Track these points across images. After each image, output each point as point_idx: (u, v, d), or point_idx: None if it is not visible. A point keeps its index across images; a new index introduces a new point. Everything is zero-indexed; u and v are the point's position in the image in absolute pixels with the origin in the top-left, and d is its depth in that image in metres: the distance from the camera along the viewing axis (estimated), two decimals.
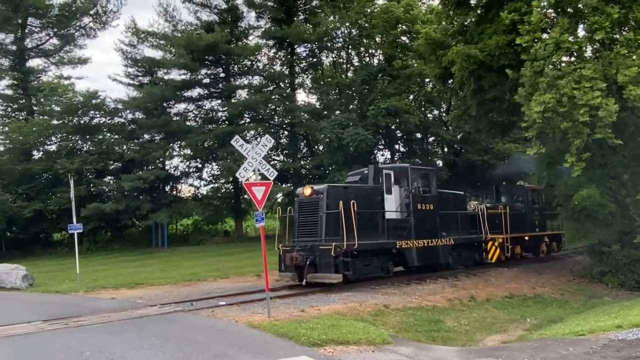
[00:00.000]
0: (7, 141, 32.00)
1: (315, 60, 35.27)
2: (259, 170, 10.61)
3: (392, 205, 15.14)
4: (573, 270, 19.19)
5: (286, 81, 34.72)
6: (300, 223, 14.56)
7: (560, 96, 13.58)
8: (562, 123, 13.81)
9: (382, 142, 33.08)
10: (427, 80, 31.58)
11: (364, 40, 33.79)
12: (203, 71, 33.42)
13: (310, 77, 37.09)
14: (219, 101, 34.57)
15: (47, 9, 36.87)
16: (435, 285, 14.88)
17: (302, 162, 33.55)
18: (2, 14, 35.57)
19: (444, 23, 20.82)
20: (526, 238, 20.80)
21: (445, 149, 36.46)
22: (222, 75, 34.29)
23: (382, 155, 34.89)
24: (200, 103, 35.12)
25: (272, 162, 32.41)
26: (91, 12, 38.60)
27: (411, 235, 15.13)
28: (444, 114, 35.60)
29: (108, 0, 39.33)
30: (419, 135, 34.20)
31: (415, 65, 31.03)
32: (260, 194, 10.24)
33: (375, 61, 34.63)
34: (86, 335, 8.61)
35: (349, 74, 35.34)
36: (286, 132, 35.42)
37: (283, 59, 35.75)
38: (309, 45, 34.21)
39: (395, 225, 14.98)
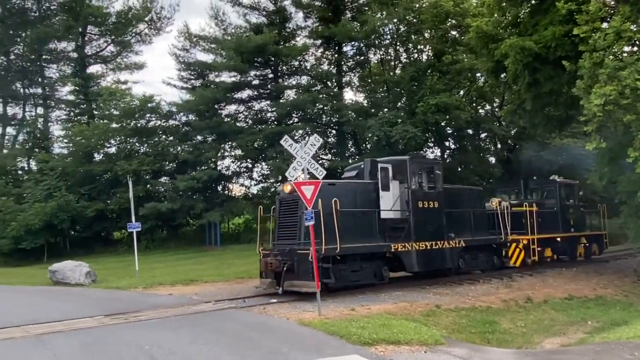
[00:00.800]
0: (71, 144, 33.80)
1: (362, 58, 35.13)
2: (307, 169, 10.71)
3: (389, 203, 13.70)
4: (638, 270, 18.16)
5: (333, 80, 34.78)
6: (280, 224, 13.20)
7: (622, 88, 12.88)
8: (625, 116, 13.09)
9: (432, 140, 32.50)
10: (478, 74, 30.77)
11: (413, 36, 33.33)
12: (252, 72, 34.03)
13: (357, 75, 37.00)
14: (268, 102, 35.11)
15: (105, 17, 38.71)
16: (489, 285, 14.49)
17: (350, 161, 33.50)
18: (64, 24, 37.68)
19: (495, 15, 20.19)
20: (558, 239, 18.91)
21: (499, 145, 35.39)
22: (270, 76, 34.78)
23: (432, 152, 34.33)
24: (250, 104, 35.79)
25: (320, 161, 32.54)
26: (146, 19, 40.21)
27: (410, 237, 13.52)
28: (496, 109, 34.57)
29: (162, 6, 40.83)
30: (470, 131, 33.38)
31: (466, 59, 30.29)
32: (310, 193, 10.32)
33: (424, 57, 34.09)
34: (145, 329, 8.97)
35: (397, 71, 34.95)
36: (334, 131, 35.49)
37: (330, 58, 35.83)
38: (356, 44, 34.12)
39: (392, 226, 13.62)
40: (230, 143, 33.68)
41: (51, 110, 41.60)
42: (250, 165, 35.80)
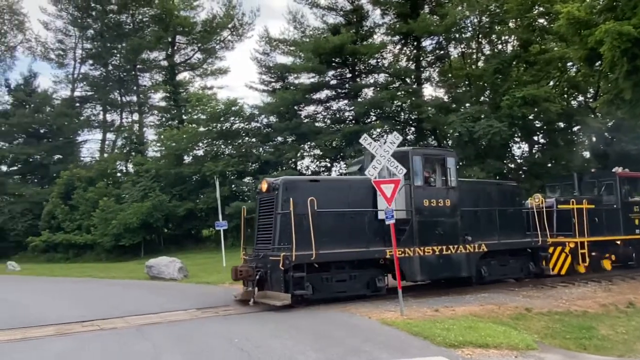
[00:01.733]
0: (163, 148, 36.08)
1: (442, 52, 34.23)
2: (387, 167, 10.63)
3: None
4: None
5: (412, 76, 34.21)
6: (259, 226, 12.17)
7: None
8: None
9: (519, 134, 30.93)
10: (569, 64, 28.84)
11: (496, 27, 31.90)
12: (330, 73, 34.33)
13: (437, 70, 36.10)
14: (346, 101, 35.24)
15: (192, 27, 40.87)
16: (585, 288, 13.55)
17: None
18: (155, 35, 40.29)
19: (588, 0, 18.83)
20: (618, 242, 16.05)
21: (594, 139, 32.92)
22: (348, 75, 34.90)
23: (519, 148, 32.68)
24: (328, 104, 36.13)
25: None
26: (229, 26, 41.94)
27: (413, 241, 11.81)
28: (590, 100, 32.19)
29: (243, 13, 42.40)
30: (561, 124, 31.36)
31: (556, 48, 28.50)
32: (390, 192, 10.25)
33: (509, 48, 32.52)
34: (234, 323, 9.38)
35: (480, 64, 33.65)
36: (413, 128, 34.91)
37: (409, 54, 35.26)
38: (436, 38, 33.29)
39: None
40: (309, 143, 34.22)
41: (145, 116, 44.74)
42: (329, 165, 36.17)
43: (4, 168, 43.75)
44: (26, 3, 43.33)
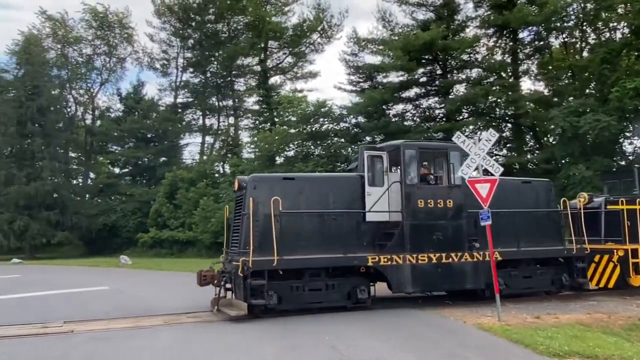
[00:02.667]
0: (257, 149, 37.54)
1: (541, 43, 32.17)
2: (482, 166, 10.23)
3: (380, 202, 10.85)
4: None
5: (508, 70, 32.52)
6: (233, 227, 11.44)
7: None
8: None
9: (631, 129, 28.24)
10: None
11: (603, 14, 29.38)
12: (420, 70, 33.65)
13: (536, 62, 33.99)
14: (436, 98, 34.35)
15: (283, 32, 42.08)
16: None
17: (528, 156, 30.99)
18: (249, 41, 42.02)
19: None
20: None
21: None
22: (439, 72, 34.00)
23: (630, 144, 29.82)
24: (417, 102, 35.45)
25: (494, 157, 30.71)
26: (319, 29, 42.64)
27: (403, 247, 10.60)
28: None
29: (332, 15, 42.90)
30: None
31: None
32: (485, 192, 9.87)
33: (618, 35, 29.80)
34: (327, 322, 9.52)
35: (584, 54, 31.19)
36: (509, 125, 33.20)
37: (504, 47, 33.55)
38: (534, 29, 31.36)
39: (386, 232, 10.87)
40: None
41: (240, 119, 46.84)
42: None
43: (117, 170, 48.11)
44: (134, 17, 47.08)
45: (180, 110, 47.67)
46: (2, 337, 8.65)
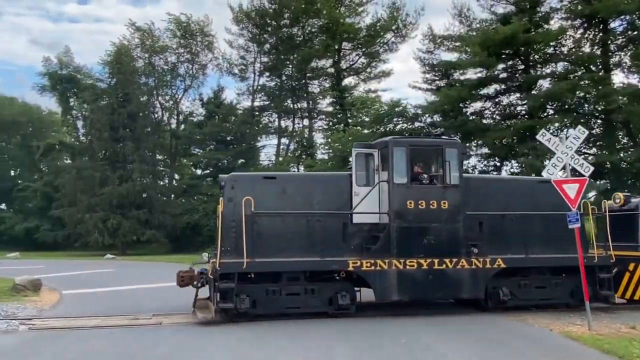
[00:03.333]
0: (330, 150, 37.87)
1: (636, 33, 29.70)
2: (570, 165, 9.65)
3: (368, 202, 10.22)
4: None
5: (597, 63, 30.35)
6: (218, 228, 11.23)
7: None
8: None
9: None
10: None
11: None
12: (500, 66, 32.29)
13: (630, 53, 31.42)
14: (518, 95, 32.81)
15: (357, 33, 42.15)
16: None
17: (621, 155, 28.73)
18: (323, 44, 42.49)
19: None
20: None
21: None
22: (520, 67, 32.44)
23: None
24: (497, 99, 34.06)
25: (582, 156, 28.80)
26: (393, 28, 42.26)
27: (389, 251, 9.99)
28: None
29: (407, 13, 42.34)
30: None
31: None
32: (574, 192, 9.30)
33: None
34: (404, 324, 9.45)
35: None
36: (599, 121, 30.96)
37: (593, 38, 31.36)
38: (628, 17, 29.05)
39: (376, 235, 10.26)
40: (476, 141, 32.69)
41: (314, 121, 47.47)
42: (498, 164, 34.05)
43: (199, 172, 50.49)
44: (214, 25, 49.27)
45: (257, 113, 49.13)
46: (99, 327, 9.40)
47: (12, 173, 66.08)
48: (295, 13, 42.59)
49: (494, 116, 34.07)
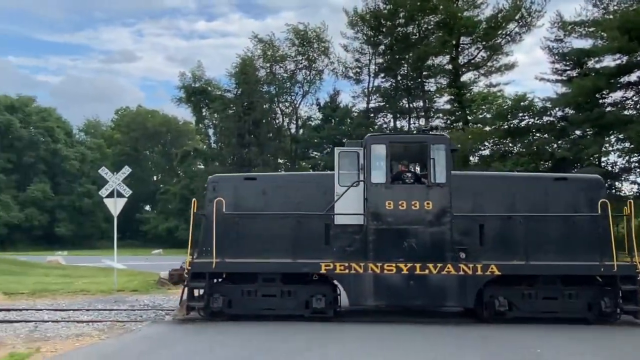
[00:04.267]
0: None
1: None
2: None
3: (352, 203, 9.78)
4: None
5: None
6: None
7: None
8: None
9: None
10: None
11: None
12: None
13: None
14: None
15: (476, 26, 40.38)
16: None
17: None
18: (439, 40, 41.36)
19: None
20: None
21: None
22: None
23: None
24: None
25: None
26: (516, 18, 39.79)
27: (365, 254, 9.54)
28: None
29: (532, 1, 39.58)
30: None
31: None
32: None
33: None
34: (536, 331, 8.87)
35: None
36: None
37: None
38: None
39: (351, 237, 9.78)
40: (615, 135, 29.50)
41: (431, 120, 46.37)
42: None
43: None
44: (329, 31, 50.36)
45: (372, 115, 49.32)
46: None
47: (155, 178, 73.99)
48: (410, 11, 42.03)
49: (637, 106, 30.46)
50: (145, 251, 46.05)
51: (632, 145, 29.39)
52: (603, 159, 30.95)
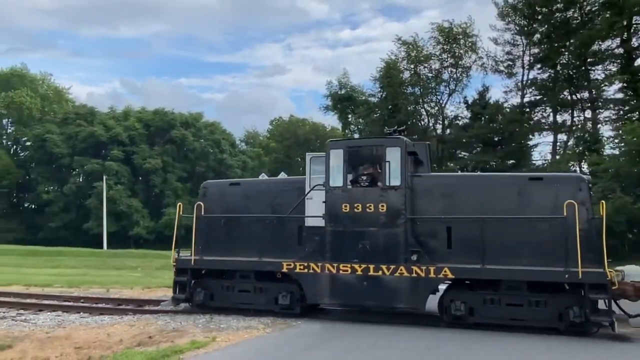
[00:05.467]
0: (622, 144, 32.45)
1: None
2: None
3: (317, 206, 10.41)
4: None
5: None
6: None
7: None
8: None
9: None
10: None
11: None
12: None
13: None
14: None
15: None
16: None
17: None
18: (606, 22, 36.85)
19: None
20: None
21: None
22: None
23: None
24: None
25: None
26: None
27: (323, 254, 10.07)
28: None
29: None
30: None
31: None
32: None
33: None
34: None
35: None
36: None
37: None
38: None
39: (317, 238, 10.34)
40: None
41: (599, 111, 41.50)
42: None
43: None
44: (476, 25, 47.93)
45: (527, 110, 45.84)
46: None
47: None
48: None
49: None
50: None
51: None
52: None
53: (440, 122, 52.61)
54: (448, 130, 51.52)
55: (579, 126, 42.31)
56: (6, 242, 49.06)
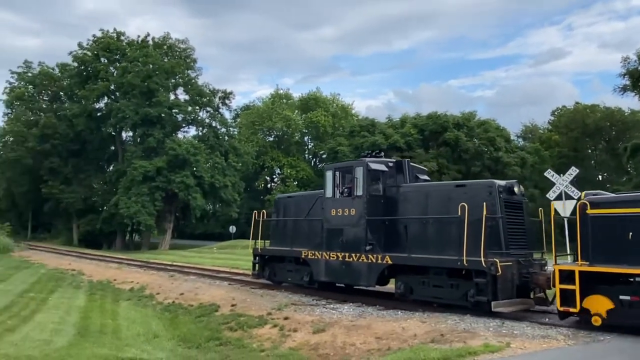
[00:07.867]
0: None
1: None
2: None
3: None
4: None
5: None
6: None
7: None
8: None
9: None
10: None
11: None
12: None
13: None
14: None
15: None
16: None
17: None
18: None
19: None
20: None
21: None
22: None
23: None
24: None
25: None
26: None
27: (322, 246, 13.75)
28: None
29: None
30: None
31: None
32: None
33: None
34: None
35: None
36: None
37: None
38: None
39: (325, 234, 13.77)
40: None
41: None
42: None
43: None
44: None
45: None
46: None
47: (599, 178, 67.98)
48: None
49: None
50: None
51: None
52: None
53: None
54: None
55: None
56: None
